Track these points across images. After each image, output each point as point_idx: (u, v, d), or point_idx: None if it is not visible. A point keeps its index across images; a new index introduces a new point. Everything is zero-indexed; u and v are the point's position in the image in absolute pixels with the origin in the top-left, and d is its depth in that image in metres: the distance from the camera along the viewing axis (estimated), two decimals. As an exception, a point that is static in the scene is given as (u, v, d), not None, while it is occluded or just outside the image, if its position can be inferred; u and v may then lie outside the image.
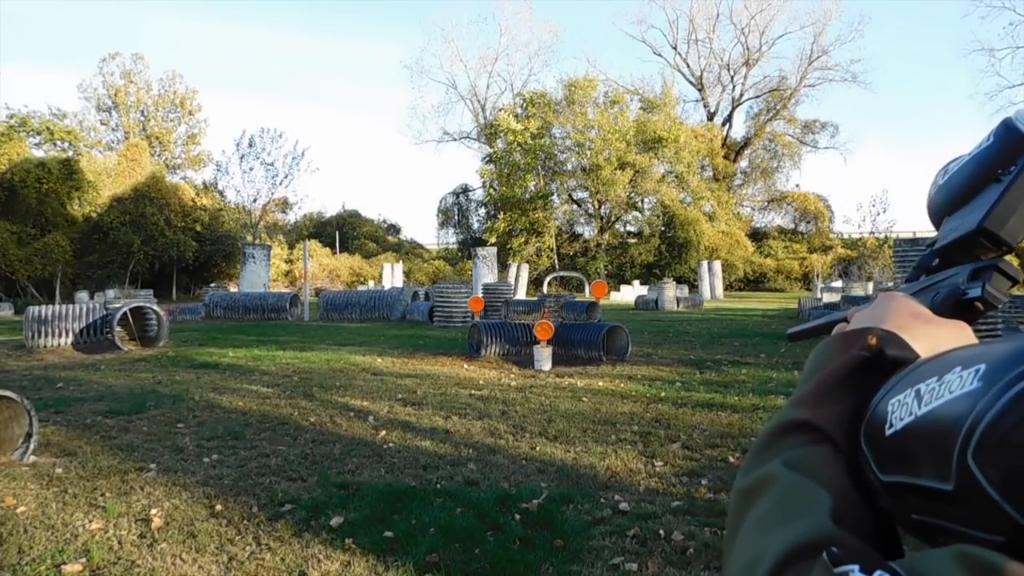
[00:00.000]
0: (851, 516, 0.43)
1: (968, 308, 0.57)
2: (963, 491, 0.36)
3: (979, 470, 0.34)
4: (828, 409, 0.50)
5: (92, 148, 40.05)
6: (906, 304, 0.58)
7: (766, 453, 0.51)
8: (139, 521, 3.77)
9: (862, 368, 0.51)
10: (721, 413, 6.49)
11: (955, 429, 0.36)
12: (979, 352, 0.40)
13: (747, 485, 0.50)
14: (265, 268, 24.43)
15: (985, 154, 0.56)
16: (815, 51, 46.24)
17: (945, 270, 0.61)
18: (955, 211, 0.60)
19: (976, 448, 0.35)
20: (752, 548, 0.43)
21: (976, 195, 0.57)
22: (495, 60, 50.52)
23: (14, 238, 27.29)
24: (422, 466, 4.80)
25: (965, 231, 0.57)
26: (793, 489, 0.46)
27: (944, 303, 0.58)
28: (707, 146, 43.95)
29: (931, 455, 0.38)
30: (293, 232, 44.79)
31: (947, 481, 0.37)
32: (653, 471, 4.68)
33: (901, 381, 0.45)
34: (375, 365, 9.82)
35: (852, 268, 34.68)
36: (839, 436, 0.48)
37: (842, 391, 0.51)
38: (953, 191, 0.60)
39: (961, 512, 0.36)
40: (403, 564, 3.20)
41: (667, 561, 3.25)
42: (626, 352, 10.36)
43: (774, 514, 0.45)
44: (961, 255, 0.59)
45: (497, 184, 40.98)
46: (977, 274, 0.57)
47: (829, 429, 0.49)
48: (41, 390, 7.75)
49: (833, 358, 0.54)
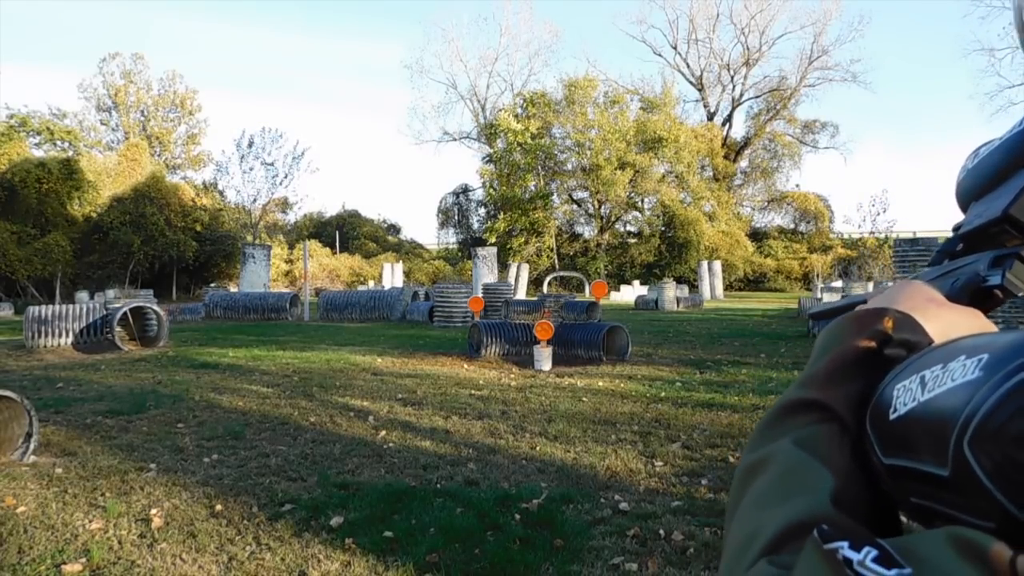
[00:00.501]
0: (852, 496, 0.43)
1: (987, 296, 0.56)
2: (958, 478, 0.36)
3: (974, 458, 0.35)
4: (838, 389, 0.50)
5: (92, 148, 40.04)
6: (922, 289, 0.57)
7: (772, 431, 0.51)
8: (139, 521, 3.77)
9: (875, 350, 0.51)
10: (721, 413, 6.49)
11: (954, 417, 0.37)
12: (985, 341, 0.40)
13: (751, 462, 0.50)
14: (265, 268, 24.43)
15: (1016, 139, 0.55)
16: (815, 51, 46.25)
17: (967, 256, 0.60)
18: (983, 196, 0.58)
19: (972, 436, 0.35)
20: (751, 524, 0.44)
21: (1005, 181, 0.56)
22: (495, 60, 50.51)
23: (14, 238, 27.29)
24: (422, 466, 4.80)
25: (990, 217, 0.56)
26: (795, 467, 0.46)
27: (963, 290, 0.57)
28: (707, 146, 43.93)
29: (930, 441, 0.39)
30: (293, 232, 44.79)
31: (944, 467, 0.37)
32: (653, 471, 4.68)
33: (908, 367, 0.45)
34: (375, 365, 9.82)
35: (852, 268, 34.65)
36: (848, 417, 0.48)
37: (853, 372, 0.50)
38: (981, 176, 0.59)
39: (956, 498, 0.37)
40: (403, 564, 3.20)
41: (667, 561, 3.25)
42: (626, 352, 10.36)
43: (774, 491, 0.45)
44: (985, 242, 0.58)
45: (497, 184, 40.98)
46: (998, 262, 0.55)
47: (838, 409, 0.49)
48: (41, 390, 7.76)
49: (846, 338, 0.53)
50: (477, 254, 21.47)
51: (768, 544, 0.41)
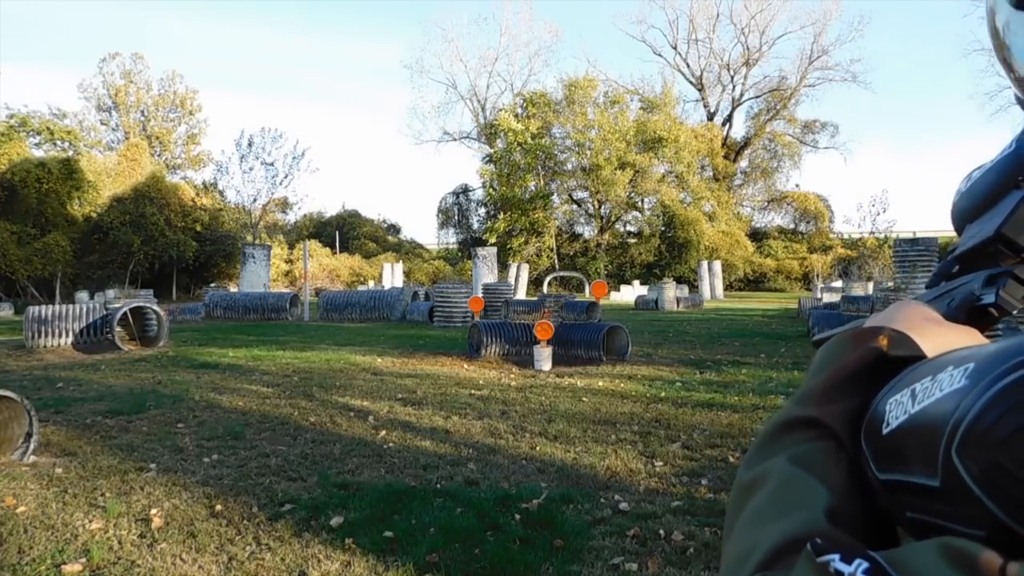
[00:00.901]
0: (848, 513, 0.43)
1: (983, 314, 0.57)
2: (948, 487, 0.36)
3: (962, 466, 0.35)
4: (834, 407, 0.50)
5: (92, 148, 40.04)
6: (918, 308, 0.58)
7: (769, 448, 0.51)
8: (139, 521, 3.77)
9: (871, 367, 0.51)
10: (721, 413, 6.49)
11: (942, 426, 0.37)
12: (972, 352, 0.41)
13: (747, 480, 0.50)
14: (265, 268, 24.43)
15: (1007, 161, 0.57)
16: (815, 51, 46.28)
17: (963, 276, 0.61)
18: (977, 217, 0.60)
19: (959, 444, 0.35)
20: (746, 541, 0.44)
21: (997, 201, 0.57)
22: (495, 60, 50.53)
23: (14, 238, 27.29)
24: (422, 466, 4.80)
25: (983, 237, 0.57)
26: (791, 484, 0.46)
27: (959, 309, 0.58)
28: (707, 146, 43.94)
29: (921, 452, 0.39)
30: (293, 232, 44.79)
31: (935, 477, 0.37)
32: (653, 471, 4.68)
33: (901, 381, 0.45)
34: (375, 365, 9.82)
35: (852, 268, 34.64)
36: (844, 434, 0.48)
37: (850, 389, 0.51)
38: (975, 197, 0.60)
39: (948, 508, 0.37)
40: (403, 564, 3.20)
41: (667, 561, 3.25)
42: (626, 352, 10.36)
43: (770, 508, 0.45)
44: (981, 262, 0.59)
45: (497, 184, 40.98)
46: (992, 280, 0.56)
47: (834, 426, 0.49)
48: (41, 390, 7.76)
49: (842, 356, 0.54)
50: (477, 254, 21.48)
51: (763, 560, 0.41)
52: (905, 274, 15.04)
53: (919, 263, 14.93)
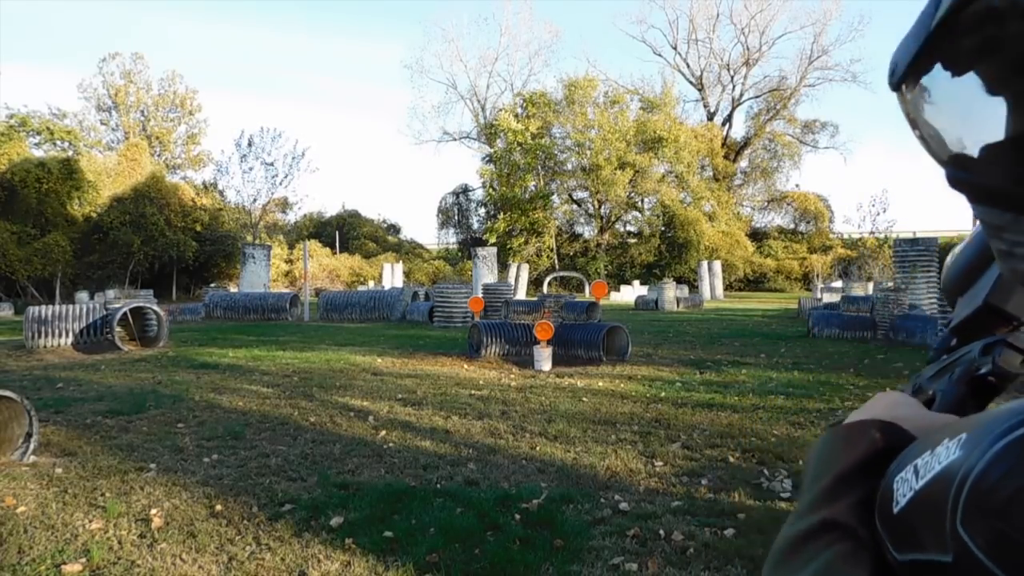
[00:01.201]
0: None
1: (984, 384, 0.58)
2: (961, 562, 0.35)
3: (969, 538, 0.35)
4: (843, 502, 0.50)
5: (92, 148, 40.02)
6: (901, 398, 0.59)
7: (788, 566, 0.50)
8: (139, 521, 3.77)
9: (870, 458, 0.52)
10: (721, 413, 6.48)
11: (945, 500, 0.37)
12: (964, 422, 0.41)
13: None
14: (265, 268, 24.43)
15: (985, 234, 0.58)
16: (815, 51, 46.25)
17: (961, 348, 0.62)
18: (966, 290, 0.62)
19: (963, 516, 0.35)
20: None
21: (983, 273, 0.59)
22: (495, 60, 50.64)
23: (14, 238, 27.29)
24: (422, 466, 4.80)
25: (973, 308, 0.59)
26: None
27: (960, 381, 0.59)
28: (707, 146, 43.94)
29: (931, 528, 0.38)
30: (293, 232, 44.77)
31: (946, 553, 0.37)
32: (653, 471, 4.68)
33: (904, 459, 0.46)
34: (375, 365, 9.82)
35: (852, 268, 34.65)
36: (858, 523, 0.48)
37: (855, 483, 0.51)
38: (961, 270, 0.62)
39: None
40: (403, 564, 3.20)
41: (667, 561, 3.25)
42: (626, 352, 10.36)
43: None
44: (976, 332, 0.60)
45: (497, 184, 40.99)
46: (987, 349, 0.57)
47: (848, 521, 0.49)
48: (41, 390, 7.76)
49: (839, 455, 0.54)
50: (477, 254, 21.48)
51: None
52: (905, 274, 15.05)
53: (919, 263, 14.94)
